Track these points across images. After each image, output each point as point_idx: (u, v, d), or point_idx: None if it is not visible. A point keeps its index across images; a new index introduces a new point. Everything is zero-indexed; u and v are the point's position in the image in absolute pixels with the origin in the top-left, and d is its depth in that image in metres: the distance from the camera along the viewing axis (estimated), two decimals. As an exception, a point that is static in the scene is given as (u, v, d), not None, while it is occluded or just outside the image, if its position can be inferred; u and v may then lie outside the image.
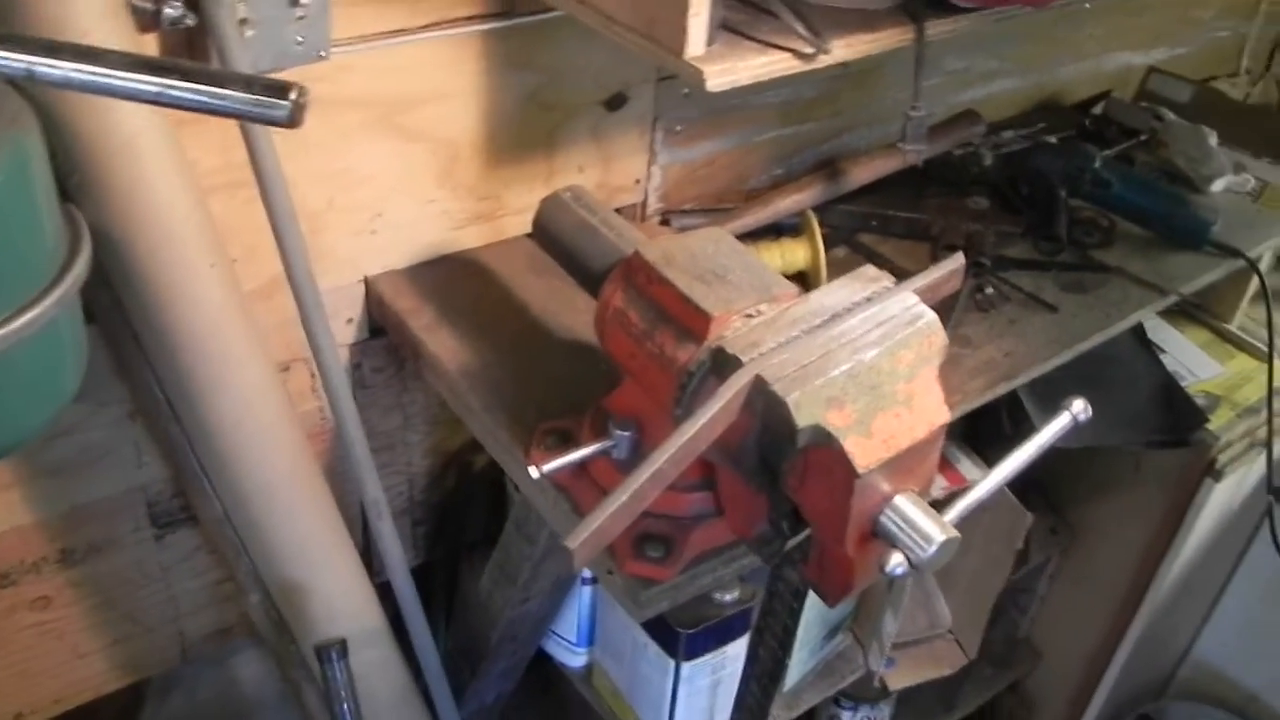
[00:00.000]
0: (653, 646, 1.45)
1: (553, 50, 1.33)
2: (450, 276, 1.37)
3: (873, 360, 0.86)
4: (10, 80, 0.69)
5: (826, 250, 1.44)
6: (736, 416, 0.85)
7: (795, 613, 1.05)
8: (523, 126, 1.36)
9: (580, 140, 1.42)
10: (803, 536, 0.92)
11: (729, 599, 1.43)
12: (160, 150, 1.02)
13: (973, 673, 2.04)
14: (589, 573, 1.52)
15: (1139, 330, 1.79)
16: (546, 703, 1.88)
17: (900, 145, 1.30)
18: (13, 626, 1.34)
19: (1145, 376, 1.77)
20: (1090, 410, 0.94)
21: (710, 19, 0.96)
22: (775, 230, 1.51)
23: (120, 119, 0.99)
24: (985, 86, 1.84)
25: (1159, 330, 1.88)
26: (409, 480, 1.56)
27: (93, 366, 0.95)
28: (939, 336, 0.89)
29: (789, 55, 1.03)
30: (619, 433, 1.00)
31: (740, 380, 0.83)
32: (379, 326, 1.38)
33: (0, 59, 0.64)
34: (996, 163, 1.70)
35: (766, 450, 0.88)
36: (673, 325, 0.94)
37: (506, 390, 1.19)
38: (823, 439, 0.83)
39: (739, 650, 1.45)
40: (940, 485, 1.59)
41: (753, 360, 0.85)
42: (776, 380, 0.83)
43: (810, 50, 1.03)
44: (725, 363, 0.86)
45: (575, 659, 1.65)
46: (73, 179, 1.00)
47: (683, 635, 1.41)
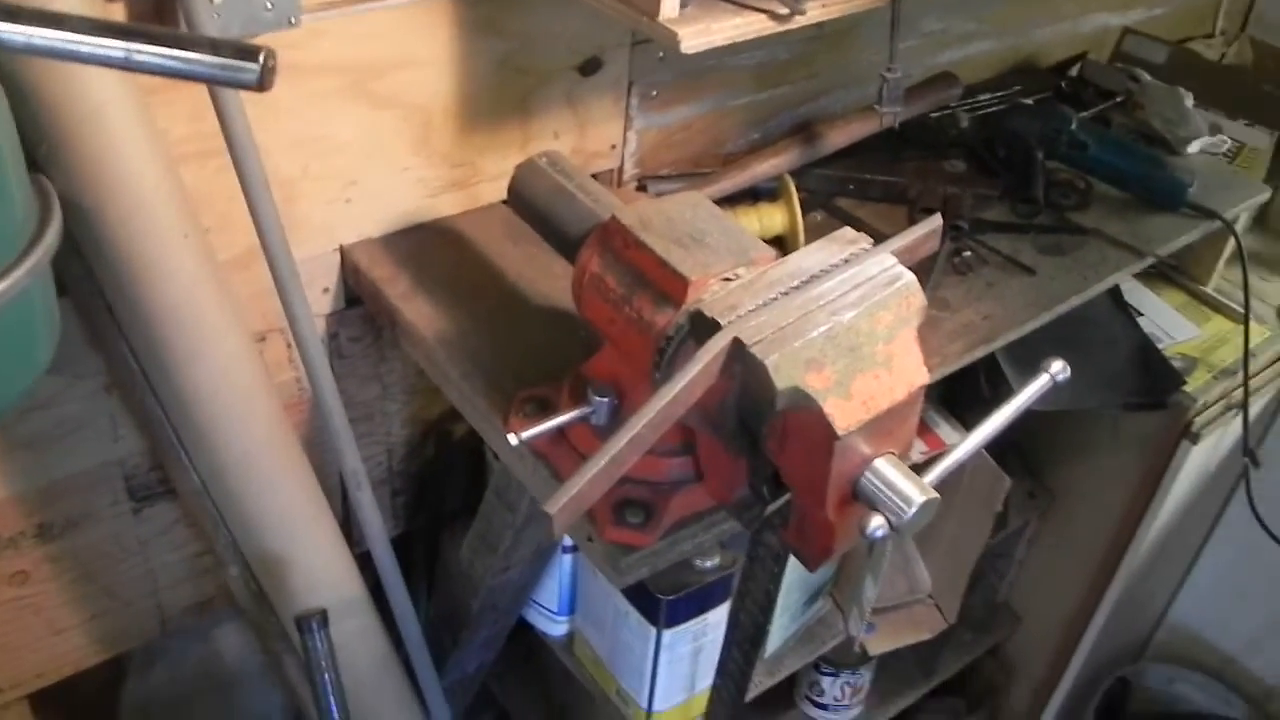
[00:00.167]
0: (634, 614, 1.45)
1: (525, 15, 1.32)
2: (426, 245, 1.36)
3: (851, 322, 0.85)
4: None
5: (803, 214, 1.44)
6: (715, 380, 0.84)
7: (776, 578, 1.05)
8: (497, 92, 1.35)
9: (555, 106, 1.41)
10: (783, 501, 0.92)
11: (709, 566, 1.43)
12: (129, 118, 1.01)
13: (952, 637, 2.05)
14: (569, 541, 1.51)
15: (1116, 293, 1.80)
16: (528, 671, 1.88)
17: (877, 107, 1.29)
18: (-9, 602, 1.34)
19: (1122, 339, 1.78)
20: (1069, 371, 0.95)
21: (685, -20, 0.96)
22: (752, 195, 1.50)
23: (88, 87, 0.97)
24: (962, 49, 1.83)
25: (1135, 293, 1.89)
26: (388, 450, 1.56)
27: (66, 338, 0.94)
28: (918, 297, 0.89)
29: (764, 16, 1.03)
30: (597, 399, 1.00)
31: (719, 343, 0.83)
32: (355, 296, 1.37)
33: (-40, 24, 0.63)
34: (973, 125, 1.70)
35: (746, 414, 0.88)
36: (650, 289, 0.93)
37: (484, 358, 1.19)
38: (802, 401, 0.82)
39: (720, 617, 1.45)
40: (919, 449, 1.59)
41: (731, 323, 0.85)
42: (755, 342, 0.82)
43: (785, 10, 1.03)
44: (703, 326, 0.86)
45: (556, 628, 1.65)
46: (41, 149, 0.99)
47: (664, 602, 1.41)
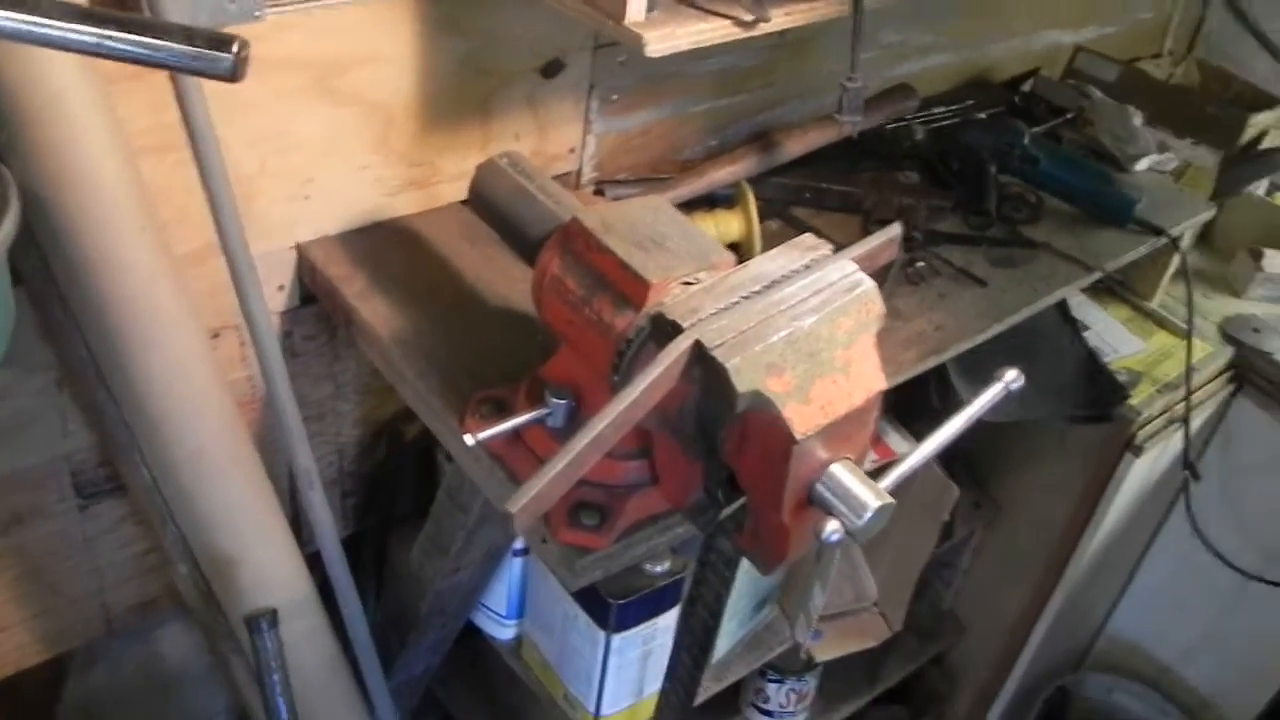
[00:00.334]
0: (583, 618, 1.45)
1: (488, 15, 1.32)
2: (384, 244, 1.35)
3: (811, 327, 0.86)
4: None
5: (760, 222, 1.44)
6: (676, 382, 0.85)
7: (727, 582, 1.05)
8: (458, 92, 1.35)
9: (516, 107, 1.41)
10: (737, 505, 0.93)
11: (660, 570, 1.43)
12: (90, 107, 1.00)
13: (897, 645, 2.06)
14: (520, 544, 1.51)
15: (1063, 306, 1.82)
16: (473, 676, 1.87)
17: (836, 116, 1.30)
18: (-68, 598, 1.32)
19: (1069, 352, 1.80)
20: (1022, 379, 0.96)
21: (651, -16, 0.96)
22: (709, 201, 1.51)
23: (48, 72, 0.96)
24: (919, 61, 1.85)
25: (1082, 307, 1.91)
26: (339, 450, 1.55)
27: (20, 330, 0.93)
28: (877, 304, 0.89)
29: (729, 22, 1.04)
30: (555, 401, 1.00)
31: (680, 346, 0.83)
32: (310, 294, 1.36)
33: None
34: (928, 138, 1.71)
35: (705, 417, 0.88)
36: (611, 292, 0.94)
37: (440, 358, 1.19)
38: (762, 405, 0.83)
39: (669, 622, 1.46)
40: (869, 458, 1.60)
41: (692, 326, 0.85)
42: (716, 346, 0.83)
43: (750, 17, 1.04)
44: (665, 329, 0.86)
45: (504, 631, 1.64)
46: (1, 135, 0.98)
47: (614, 606, 1.41)
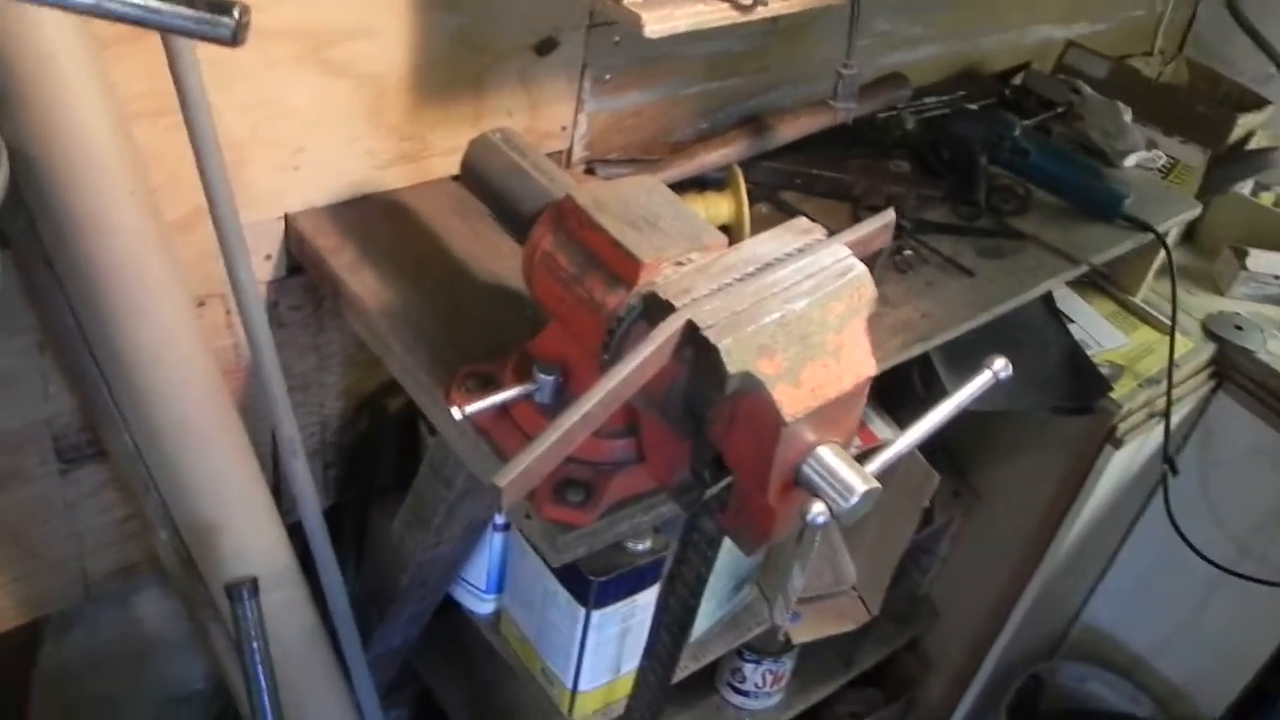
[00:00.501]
0: (563, 594, 1.45)
1: (484, -10, 1.32)
2: (373, 216, 1.35)
3: (804, 310, 0.86)
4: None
5: (749, 206, 1.45)
6: (666, 361, 0.85)
7: (709, 562, 1.06)
8: (451, 67, 1.35)
9: (508, 84, 1.41)
10: (723, 485, 0.93)
11: (641, 548, 1.43)
12: (82, 69, 0.99)
13: (873, 629, 2.07)
14: (501, 519, 1.51)
15: (1048, 299, 1.83)
16: (451, 649, 1.88)
17: (831, 102, 1.31)
18: (-90, 559, 1.31)
19: (1053, 344, 1.81)
20: (1010, 367, 0.96)
21: (651, -36, 0.96)
22: (700, 183, 1.51)
23: (41, 32, 0.96)
24: (910, 52, 1.85)
25: (1067, 300, 1.92)
26: (321, 422, 1.55)
27: (4, 292, 0.93)
28: (869, 289, 0.90)
29: (727, 5, 1.04)
30: (543, 376, 1.00)
31: (672, 325, 0.84)
32: (298, 264, 1.36)
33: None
34: (919, 127, 1.72)
35: (694, 397, 0.89)
36: (603, 270, 0.94)
37: (427, 332, 1.18)
38: (752, 386, 0.83)
39: (649, 599, 1.46)
40: (854, 444, 1.61)
41: (685, 306, 0.85)
42: (708, 326, 0.83)
43: (748, 1, 1.04)
44: (657, 308, 0.87)
45: (483, 606, 1.65)
46: (-8, 96, 0.97)
47: (594, 583, 1.41)
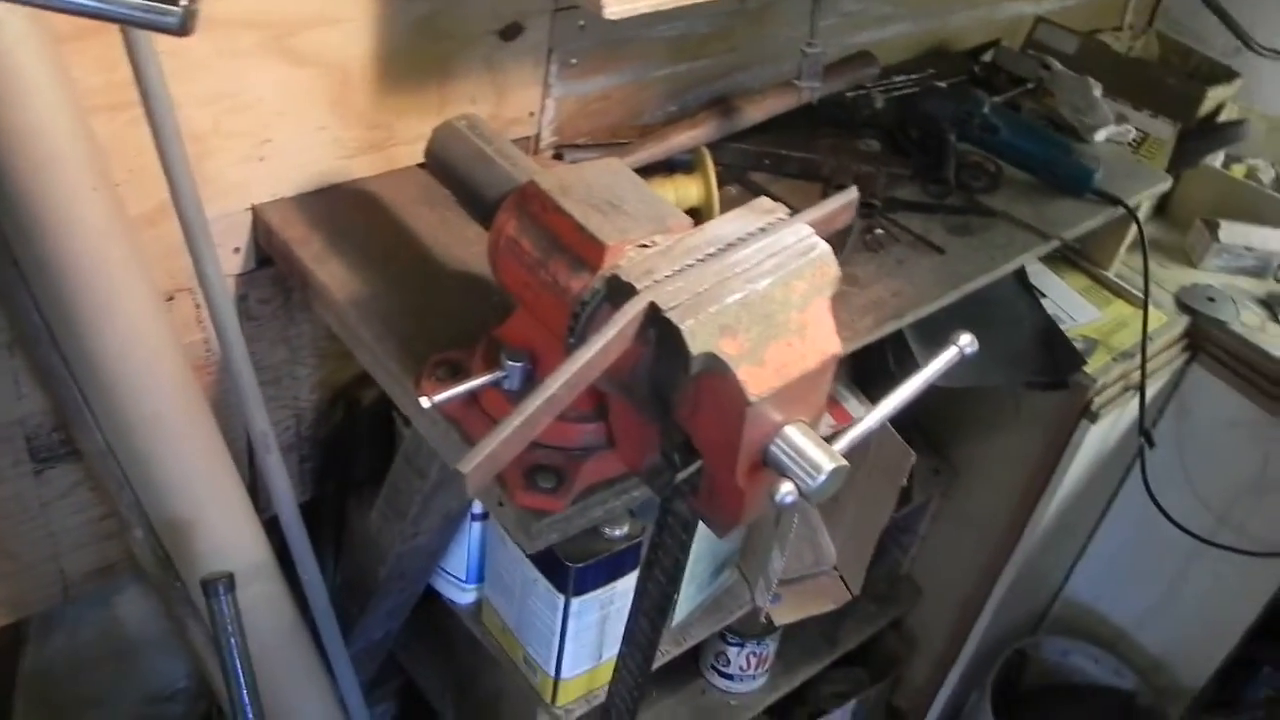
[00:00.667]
0: (542, 582, 1.46)
1: (447, -24, 1.31)
2: (340, 206, 1.34)
3: (766, 289, 0.86)
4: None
5: (718, 188, 1.44)
6: (630, 344, 0.85)
7: (685, 546, 1.06)
8: (415, 54, 1.34)
9: (474, 70, 1.40)
10: (694, 469, 0.93)
11: (619, 534, 1.43)
12: (39, 64, 0.98)
13: (855, 609, 2.08)
14: (479, 508, 1.52)
15: (1021, 274, 1.84)
16: (434, 640, 1.88)
17: (796, 82, 1.30)
18: (-115, 562, 1.31)
19: (1027, 320, 1.82)
20: (976, 344, 0.97)
21: (609, -54, 0.96)
22: (668, 166, 1.51)
23: (-3, 29, 0.95)
24: (879, 30, 1.85)
25: (1040, 275, 1.93)
26: (296, 415, 1.54)
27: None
28: (832, 267, 0.90)
29: (687, -15, 1.03)
30: (511, 363, 1.00)
31: (635, 307, 0.84)
32: (266, 257, 1.35)
33: None
34: (888, 106, 1.71)
35: (659, 379, 0.89)
36: (567, 254, 0.94)
37: (396, 321, 1.18)
38: (716, 367, 0.83)
39: (628, 585, 1.46)
40: (828, 423, 1.61)
41: (647, 288, 0.85)
42: (670, 307, 0.83)
43: (708, -19, 1.03)
44: (619, 290, 0.86)
45: (464, 596, 1.65)
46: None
47: (573, 570, 1.41)
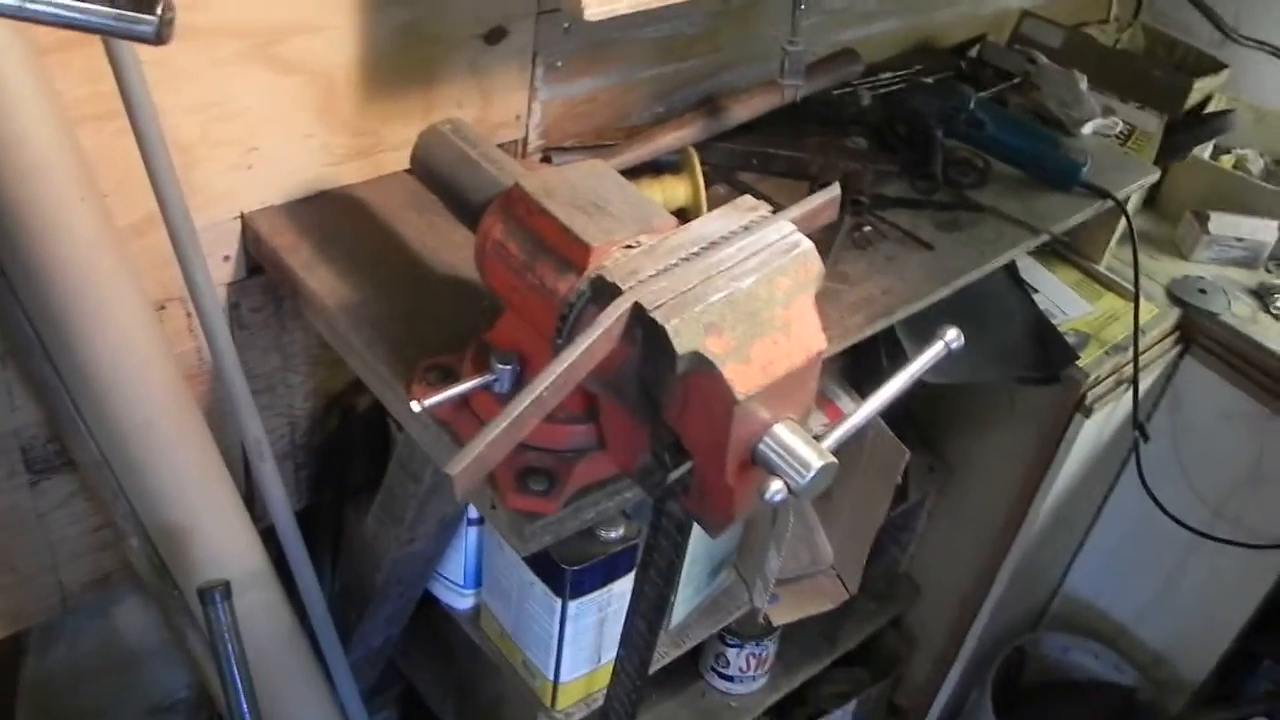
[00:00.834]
0: (539, 585, 1.46)
1: (430, -19, 1.31)
2: (329, 213, 1.35)
3: (750, 287, 0.87)
4: None
5: (706, 188, 1.45)
6: (617, 344, 0.85)
7: (680, 547, 1.06)
8: (400, 60, 1.34)
9: (459, 75, 1.40)
10: (685, 469, 0.93)
11: (614, 536, 1.44)
12: (23, 75, 0.99)
13: (854, 608, 2.09)
14: (475, 513, 1.52)
15: (1012, 270, 1.84)
16: (433, 646, 1.88)
17: (779, 80, 1.30)
18: (-118, 576, 1.31)
19: (1018, 315, 1.82)
20: (962, 338, 0.97)
21: (589, -52, 0.96)
22: (655, 167, 1.51)
23: (-24, 43, 0.96)
24: (864, 27, 1.85)
25: (1031, 270, 1.93)
26: (290, 423, 1.54)
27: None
28: (815, 264, 0.90)
29: (668, -13, 1.04)
30: (500, 366, 1.00)
31: (619, 308, 0.84)
32: (257, 265, 1.36)
33: None
34: (874, 103, 1.72)
35: (647, 380, 0.89)
36: (552, 256, 0.94)
37: (387, 327, 1.18)
38: (702, 366, 0.84)
39: (625, 587, 1.46)
40: (820, 420, 1.62)
41: (632, 288, 0.85)
42: (655, 307, 0.83)
43: (689, -19, 1.04)
44: (604, 291, 0.87)
45: (462, 601, 1.65)
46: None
47: (569, 572, 1.41)
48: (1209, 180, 2.09)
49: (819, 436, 0.89)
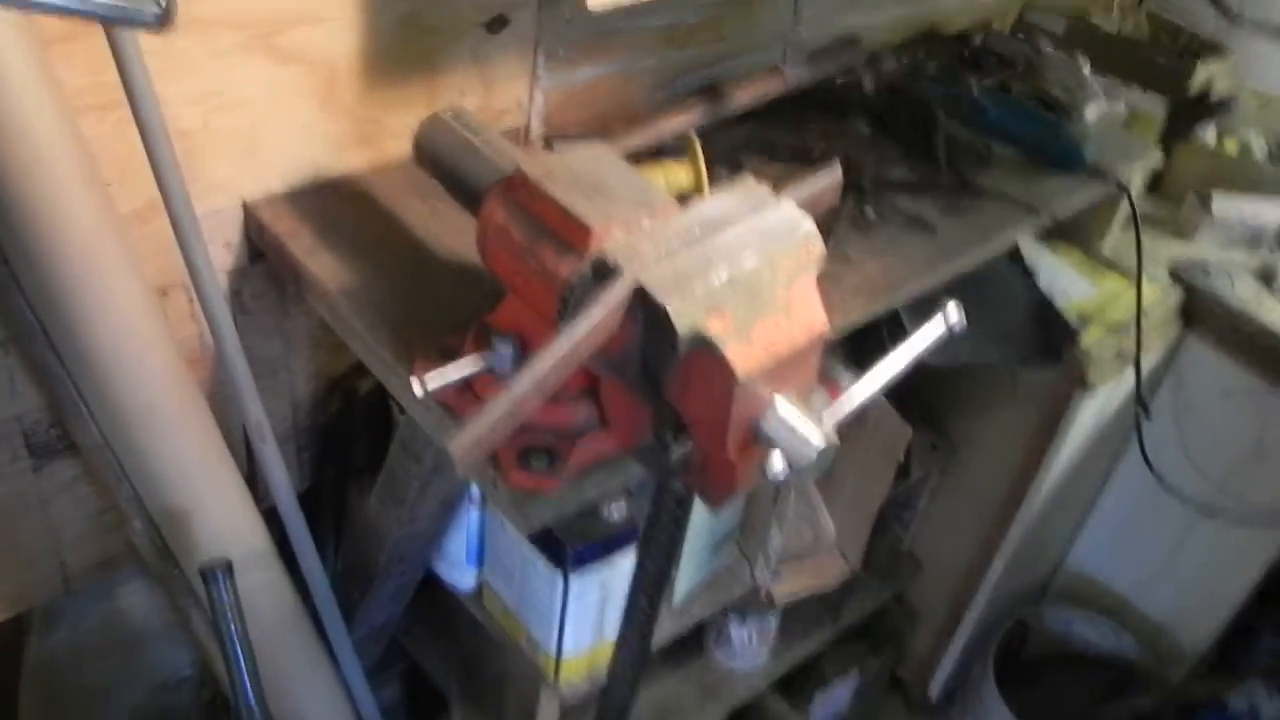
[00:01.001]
0: (541, 561, 1.47)
1: (431, -30, 1.31)
2: (331, 200, 1.35)
3: (752, 268, 0.87)
4: None
5: (709, 173, 1.45)
6: (618, 325, 0.86)
7: (680, 523, 1.07)
8: (402, 49, 1.35)
9: (461, 63, 1.41)
10: (687, 448, 0.94)
11: (617, 516, 1.45)
12: (26, 65, 0.99)
13: (857, 584, 2.09)
14: (477, 492, 1.52)
15: (1015, 252, 1.84)
16: (437, 624, 1.89)
17: (781, 66, 1.30)
18: (-111, 560, 1.32)
19: (1021, 296, 1.82)
20: (963, 314, 0.97)
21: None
22: (659, 153, 1.51)
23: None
24: (868, 14, 1.85)
25: (1034, 252, 1.93)
26: (292, 406, 1.55)
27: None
28: (817, 245, 0.91)
29: (670, -26, 1.04)
30: (502, 349, 1.01)
31: (621, 288, 0.84)
32: (259, 251, 1.36)
33: None
34: (878, 89, 1.71)
35: (649, 359, 0.89)
36: (554, 239, 0.94)
37: (389, 311, 1.19)
38: (703, 345, 0.84)
39: (627, 565, 1.47)
40: (824, 400, 1.62)
41: (633, 270, 0.86)
42: (656, 288, 0.84)
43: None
44: (606, 272, 0.87)
45: (466, 580, 1.66)
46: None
47: (570, 548, 1.42)
48: (1212, 163, 2.09)
49: (821, 416, 0.90)
